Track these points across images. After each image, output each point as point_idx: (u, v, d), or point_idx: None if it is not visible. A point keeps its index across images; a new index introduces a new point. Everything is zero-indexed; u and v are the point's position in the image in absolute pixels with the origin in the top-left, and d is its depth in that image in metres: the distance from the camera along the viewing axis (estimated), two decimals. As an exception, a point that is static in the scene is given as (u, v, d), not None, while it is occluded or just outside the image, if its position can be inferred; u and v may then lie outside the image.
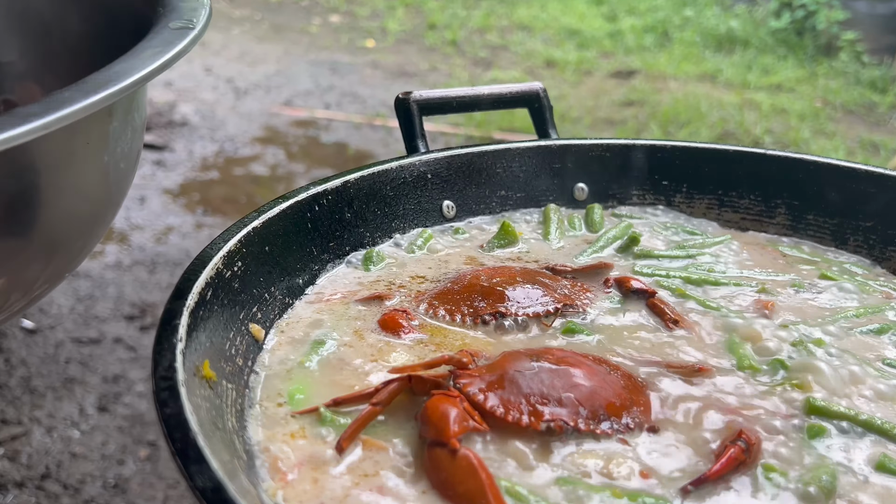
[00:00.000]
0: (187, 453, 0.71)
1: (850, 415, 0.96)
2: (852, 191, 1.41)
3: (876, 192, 1.39)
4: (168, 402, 0.77)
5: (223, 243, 1.06)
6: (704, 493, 0.85)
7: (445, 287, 1.19)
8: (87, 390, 2.96)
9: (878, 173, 1.41)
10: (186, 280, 0.97)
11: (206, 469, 0.69)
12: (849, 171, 1.42)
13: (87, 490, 2.59)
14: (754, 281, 1.27)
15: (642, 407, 0.95)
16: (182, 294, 0.94)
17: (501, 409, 0.90)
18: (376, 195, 1.33)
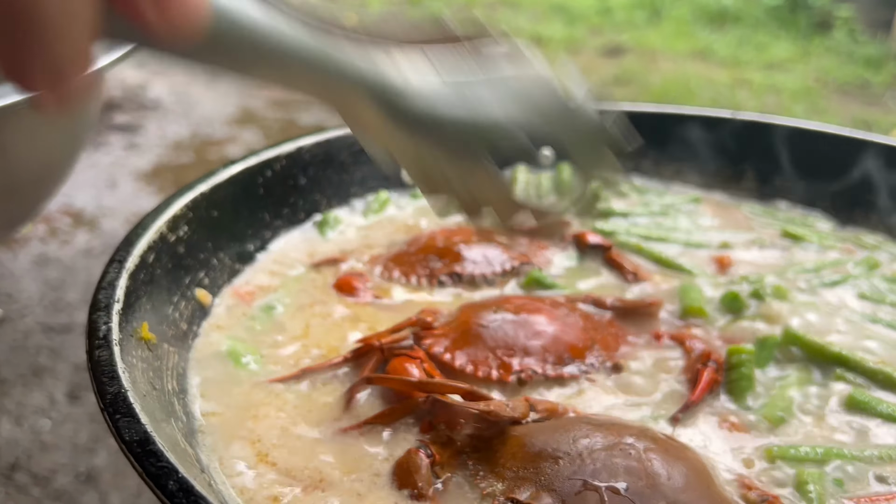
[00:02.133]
0: (116, 407, 0.72)
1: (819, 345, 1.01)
2: (820, 154, 1.43)
3: (843, 155, 1.41)
4: (100, 358, 0.78)
5: (168, 207, 1.06)
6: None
7: (401, 250, 1.20)
8: (58, 379, 2.96)
9: (846, 136, 1.42)
10: (127, 243, 0.98)
11: (133, 423, 0.70)
12: (816, 134, 1.44)
13: (58, 480, 2.60)
14: (717, 240, 1.29)
15: (605, 345, 0.99)
16: (122, 257, 0.95)
17: (471, 367, 0.93)
18: (333, 161, 1.34)
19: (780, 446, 0.87)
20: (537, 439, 0.80)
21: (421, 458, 0.80)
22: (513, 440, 0.81)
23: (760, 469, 0.85)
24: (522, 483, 0.76)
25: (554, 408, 0.87)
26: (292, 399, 0.92)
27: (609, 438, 0.79)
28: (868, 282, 1.20)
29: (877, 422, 0.93)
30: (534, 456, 0.78)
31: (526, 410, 0.85)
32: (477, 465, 0.80)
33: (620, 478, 0.75)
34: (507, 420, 0.83)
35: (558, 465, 0.77)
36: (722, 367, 0.97)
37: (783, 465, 0.86)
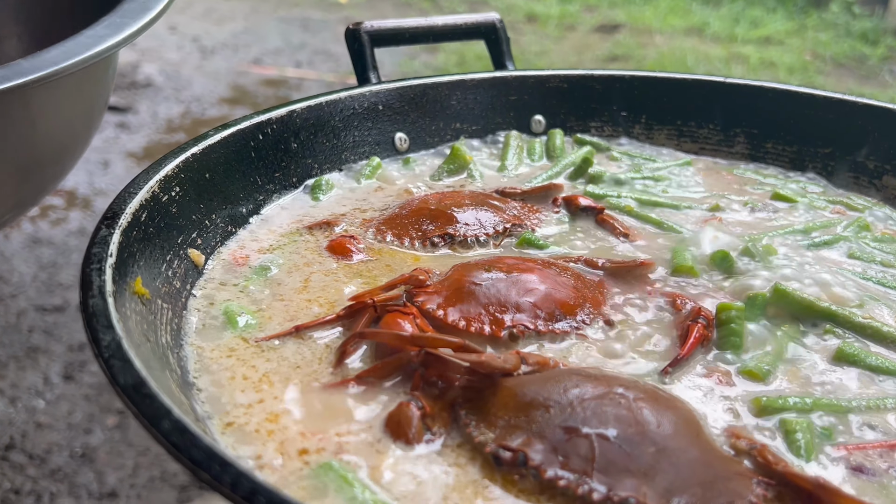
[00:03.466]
0: (112, 353, 0.73)
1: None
2: (811, 117, 1.44)
3: (834, 117, 1.42)
4: (94, 308, 0.79)
5: (160, 168, 1.07)
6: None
7: (394, 213, 1.21)
8: (52, 359, 2.97)
9: (837, 99, 1.43)
10: (120, 200, 0.99)
11: (128, 367, 0.71)
12: (808, 97, 1.45)
13: (54, 460, 2.61)
14: (706, 202, 1.30)
15: (595, 303, 1.00)
16: (115, 213, 0.96)
17: (463, 322, 0.94)
18: (325, 126, 1.34)
19: (768, 396, 0.88)
20: (528, 389, 0.81)
21: (412, 410, 0.81)
22: (504, 391, 0.82)
23: (749, 420, 0.86)
24: (514, 431, 0.77)
25: (545, 361, 0.88)
26: (287, 356, 0.93)
27: (599, 388, 0.80)
28: (857, 243, 1.21)
29: (866, 373, 0.94)
30: (525, 405, 0.79)
31: (517, 363, 0.86)
32: (469, 416, 0.81)
33: (610, 425, 0.76)
34: (499, 372, 0.84)
35: (549, 413, 0.78)
36: (712, 324, 0.98)
37: (772, 416, 0.87)
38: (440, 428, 0.81)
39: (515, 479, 0.76)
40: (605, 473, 0.73)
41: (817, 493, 0.74)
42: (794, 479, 0.76)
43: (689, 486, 0.73)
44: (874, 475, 0.80)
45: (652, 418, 0.78)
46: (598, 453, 0.74)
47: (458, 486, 0.75)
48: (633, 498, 0.71)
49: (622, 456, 0.74)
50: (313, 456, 0.78)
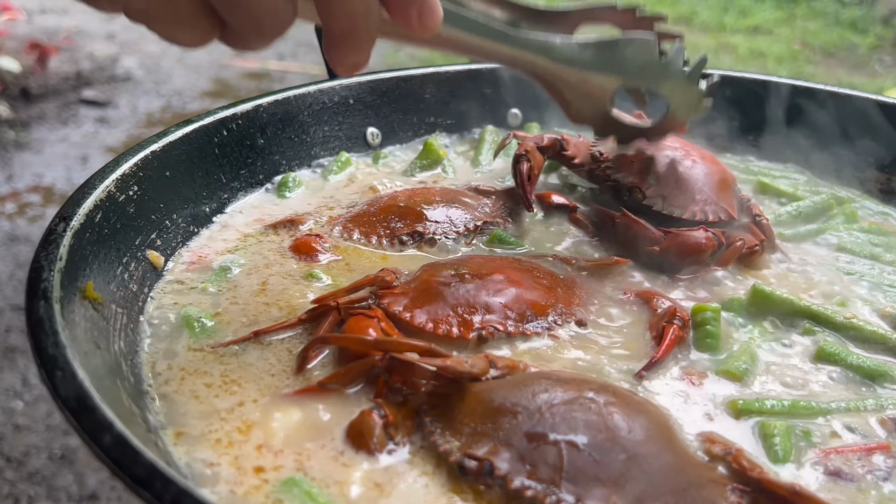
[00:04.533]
0: (53, 363, 0.70)
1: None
2: (792, 108, 1.42)
3: (815, 108, 1.40)
4: (38, 314, 0.76)
5: (117, 166, 1.03)
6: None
7: (362, 210, 1.18)
8: (30, 360, 2.93)
9: (818, 89, 1.41)
10: (73, 202, 0.95)
11: (70, 379, 0.68)
12: (788, 87, 1.42)
13: (32, 462, 2.57)
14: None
15: (568, 303, 0.98)
16: (67, 215, 0.92)
17: (430, 325, 0.92)
18: (293, 121, 1.31)
19: (745, 399, 0.86)
20: (496, 395, 0.78)
21: (374, 419, 0.78)
22: (471, 397, 0.79)
23: (725, 423, 0.84)
24: (480, 439, 0.75)
25: (515, 364, 0.86)
26: (247, 362, 0.90)
27: (569, 393, 0.78)
28: (847, 234, 1.19)
29: (846, 374, 0.92)
30: (492, 411, 0.77)
31: (486, 367, 0.83)
32: (434, 423, 0.78)
33: (580, 431, 0.74)
34: (466, 377, 0.81)
35: (517, 419, 0.75)
36: (688, 324, 0.95)
37: (749, 419, 0.85)
38: (404, 437, 0.78)
39: (482, 489, 0.73)
40: (573, 482, 0.71)
41: (793, 499, 0.72)
42: (769, 485, 0.73)
43: (660, 494, 0.71)
44: (852, 480, 0.78)
45: (623, 424, 0.75)
46: (567, 461, 0.72)
47: (428, 501, 0.73)
48: None
49: (591, 464, 0.72)
50: (271, 472, 0.75)
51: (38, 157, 4.38)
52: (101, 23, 5.83)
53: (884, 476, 0.78)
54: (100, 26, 5.80)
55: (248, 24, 0.71)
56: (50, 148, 4.46)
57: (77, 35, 5.66)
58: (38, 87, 5.08)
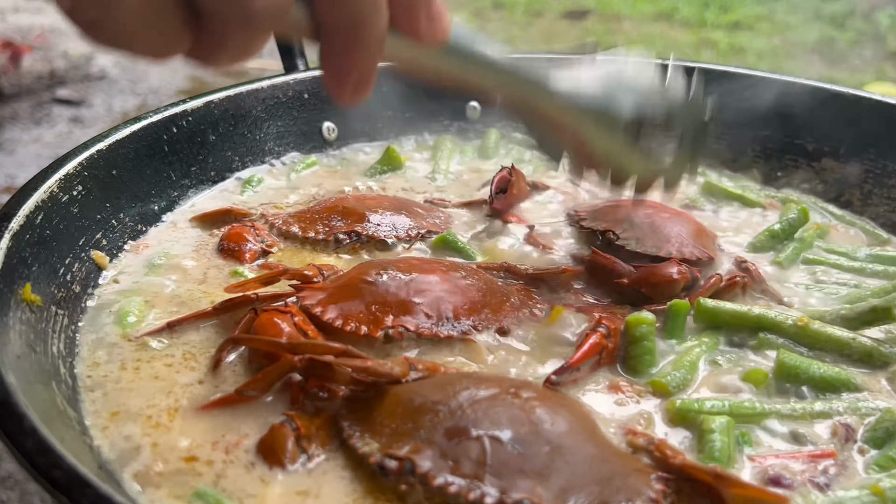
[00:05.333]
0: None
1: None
2: (750, 99, 1.42)
3: (773, 99, 1.41)
4: (-35, 316, 0.76)
5: (60, 167, 1.04)
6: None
7: (308, 208, 1.18)
8: None
9: (770, 78, 1.42)
10: (14, 202, 0.95)
11: (-7, 382, 0.68)
12: (740, 76, 1.44)
13: (5, 467, 2.57)
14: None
15: (496, 310, 0.97)
16: (6, 216, 0.93)
17: (340, 321, 0.91)
18: (246, 116, 1.31)
19: (683, 400, 0.85)
20: (416, 395, 0.78)
21: (286, 433, 0.77)
22: (391, 398, 0.79)
23: (660, 428, 0.84)
24: (400, 439, 0.75)
25: (435, 367, 0.85)
26: (173, 357, 0.90)
27: (491, 390, 0.78)
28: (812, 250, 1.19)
29: (792, 382, 0.90)
30: (413, 411, 0.77)
31: (405, 369, 0.82)
32: (352, 427, 0.78)
33: (502, 426, 0.74)
34: (386, 379, 0.81)
35: (438, 417, 0.75)
36: (614, 333, 0.92)
37: (687, 425, 0.84)
38: (318, 447, 0.78)
39: (404, 489, 0.73)
40: (497, 476, 0.71)
41: (715, 483, 0.73)
42: (692, 471, 0.74)
43: (585, 484, 0.72)
44: (792, 487, 0.77)
45: (546, 417, 0.76)
46: (490, 455, 0.73)
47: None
48: (526, 500, 0.70)
49: (515, 457, 0.73)
50: (189, 480, 0.75)
51: (10, 158, 4.35)
52: (77, 21, 5.79)
53: (826, 484, 0.77)
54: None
55: (235, 7, 0.58)
56: (23, 148, 4.44)
57: (51, 33, 5.63)
58: (10, 87, 5.05)
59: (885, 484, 0.77)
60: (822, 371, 0.90)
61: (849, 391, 0.89)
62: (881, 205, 1.30)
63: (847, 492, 0.76)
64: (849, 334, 0.94)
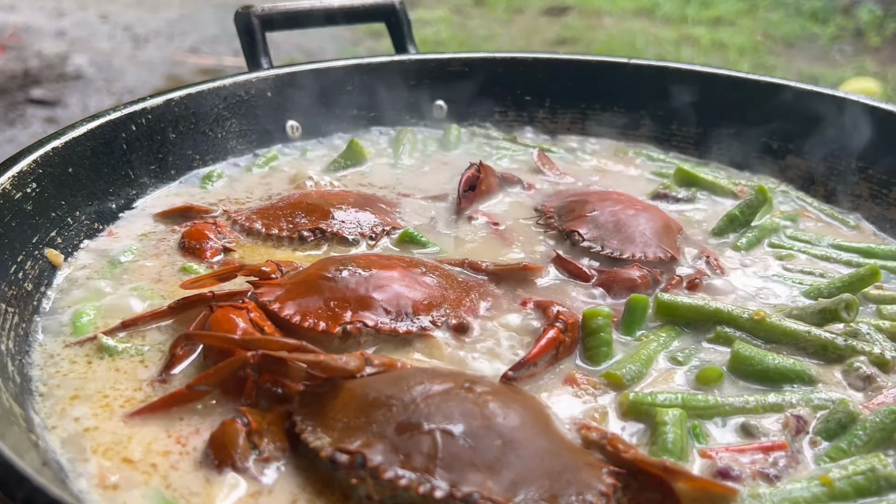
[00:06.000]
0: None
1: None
2: (715, 97, 1.44)
3: (739, 97, 1.43)
4: None
5: (14, 164, 1.03)
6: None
7: (270, 204, 1.18)
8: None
9: (741, 78, 1.44)
10: (-37, 200, 0.95)
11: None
12: (710, 76, 1.45)
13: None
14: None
15: (455, 305, 0.97)
16: (-45, 214, 0.92)
17: (298, 317, 0.90)
18: (208, 115, 1.31)
19: (637, 393, 0.86)
20: (370, 389, 0.78)
21: (237, 428, 0.76)
22: (345, 393, 0.79)
23: (614, 423, 0.84)
24: (353, 433, 0.75)
25: (392, 362, 0.85)
26: (127, 355, 0.90)
27: (445, 385, 0.78)
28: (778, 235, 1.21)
29: (748, 374, 0.90)
30: (366, 406, 0.77)
31: (361, 364, 0.82)
32: (305, 421, 0.78)
33: (455, 420, 0.75)
34: (340, 374, 0.81)
35: (391, 411, 0.76)
36: (571, 328, 0.93)
37: (640, 419, 0.84)
38: (270, 443, 0.77)
39: (354, 483, 0.73)
40: (448, 469, 0.72)
41: (665, 475, 0.74)
42: (642, 464, 0.75)
43: (536, 477, 0.72)
44: (740, 479, 0.77)
45: (499, 411, 0.76)
46: (442, 449, 0.73)
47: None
48: (476, 493, 0.70)
49: (466, 450, 0.73)
50: (138, 478, 0.75)
51: (-19, 158, 4.27)
52: (51, 20, 5.75)
53: (775, 475, 0.78)
54: (49, 23, 5.73)
55: None
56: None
57: (25, 32, 5.58)
58: (-18, 87, 4.98)
59: (835, 475, 0.78)
60: (776, 362, 0.91)
61: (803, 383, 0.90)
62: (848, 193, 1.32)
63: (795, 484, 0.77)
64: (804, 327, 0.95)
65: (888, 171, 1.28)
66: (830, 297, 1.02)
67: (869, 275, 1.05)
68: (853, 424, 0.83)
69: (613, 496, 0.74)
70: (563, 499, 0.72)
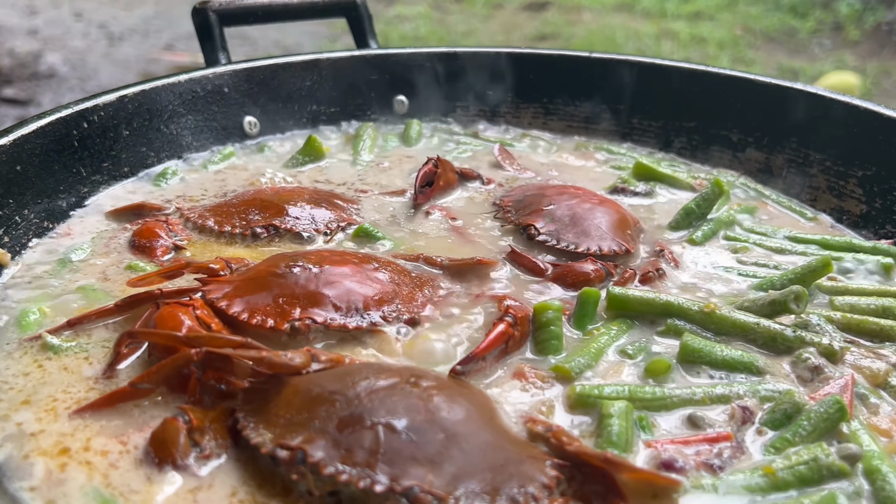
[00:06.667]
0: None
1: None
2: (676, 91, 1.45)
3: (699, 90, 1.43)
4: None
5: (-41, 162, 1.02)
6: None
7: (224, 201, 1.18)
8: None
9: (701, 71, 1.44)
10: None
11: None
12: (672, 69, 1.46)
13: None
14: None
15: (407, 300, 0.97)
16: None
17: (246, 315, 0.90)
18: (163, 111, 1.31)
19: (584, 385, 0.86)
20: (314, 385, 0.78)
21: (178, 426, 0.76)
22: (289, 389, 0.79)
23: (563, 416, 0.84)
24: (295, 429, 0.75)
25: (339, 358, 0.85)
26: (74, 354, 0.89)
27: (390, 380, 0.78)
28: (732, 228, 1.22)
29: (695, 367, 0.91)
30: (309, 401, 0.77)
31: (307, 360, 0.82)
32: (247, 418, 0.78)
33: (398, 414, 0.75)
34: (285, 370, 0.81)
35: (334, 407, 0.76)
36: (521, 321, 0.93)
37: (587, 411, 0.85)
38: (212, 440, 0.77)
39: (295, 478, 0.73)
40: (389, 464, 0.72)
41: (607, 467, 0.74)
42: (584, 457, 0.75)
43: (478, 471, 0.73)
44: (684, 470, 0.78)
45: (443, 406, 0.77)
46: (384, 444, 0.73)
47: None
48: (417, 487, 0.70)
49: (409, 445, 0.73)
50: (79, 477, 0.74)
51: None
52: (23, 18, 5.70)
53: (719, 466, 0.79)
54: (21, 21, 5.68)
55: None
56: (-36, 148, 4.30)
57: (-4, 30, 5.53)
58: (-48, 86, 4.94)
59: (778, 465, 0.78)
60: (724, 353, 0.92)
61: (751, 374, 0.91)
62: (806, 186, 1.33)
63: (738, 474, 0.78)
64: (753, 319, 0.96)
65: (846, 163, 1.29)
66: (782, 289, 1.03)
67: (821, 266, 1.06)
68: (798, 415, 0.84)
69: (557, 488, 0.74)
70: (505, 491, 0.72)
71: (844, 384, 0.89)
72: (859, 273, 1.13)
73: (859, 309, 1.02)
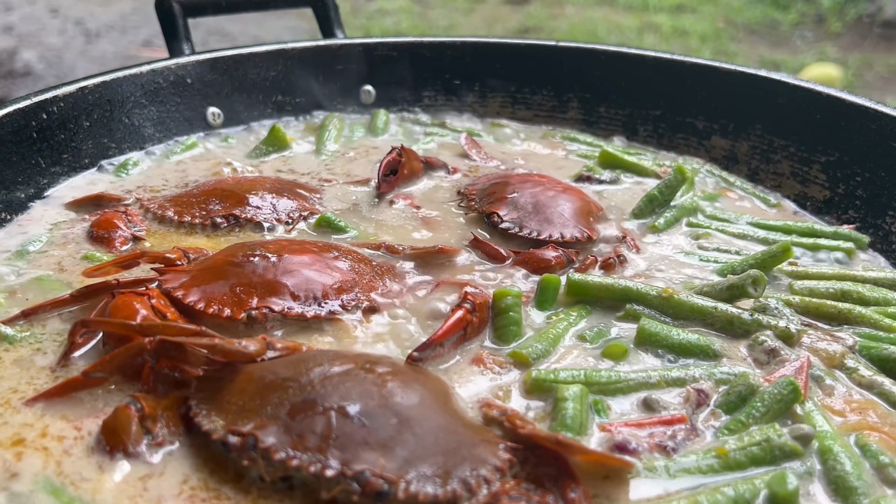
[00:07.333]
0: None
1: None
2: (642, 79, 1.46)
3: (665, 79, 1.44)
4: None
5: (-89, 153, 1.02)
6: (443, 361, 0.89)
7: (185, 191, 1.18)
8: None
9: (666, 59, 1.45)
10: None
11: None
12: (637, 58, 1.47)
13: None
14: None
15: (367, 288, 0.97)
16: None
17: (202, 304, 0.90)
18: (124, 102, 1.30)
19: (539, 370, 0.87)
20: (269, 372, 0.79)
21: (129, 414, 0.76)
22: (243, 376, 0.80)
23: (519, 401, 0.85)
24: (247, 415, 0.75)
25: (296, 346, 0.86)
26: (28, 344, 0.89)
27: (345, 366, 0.79)
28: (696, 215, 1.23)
29: (653, 351, 0.92)
30: (262, 388, 0.77)
31: (262, 348, 0.82)
32: (200, 405, 0.78)
33: (351, 399, 0.75)
34: (240, 358, 0.81)
35: (287, 393, 0.76)
36: (480, 308, 0.94)
37: (543, 396, 0.85)
38: (164, 428, 0.78)
39: (246, 464, 0.73)
40: (341, 449, 0.72)
41: (558, 449, 0.75)
42: (537, 439, 0.76)
43: (430, 454, 0.73)
44: (637, 452, 0.79)
45: (397, 391, 0.77)
46: (336, 429, 0.73)
47: (191, 488, 0.73)
48: (368, 471, 0.71)
49: (361, 429, 0.74)
50: (30, 468, 0.74)
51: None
52: (-3, 14, 5.66)
53: (673, 448, 0.79)
54: (-5, 18, 5.64)
55: None
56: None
57: (-30, 27, 5.49)
58: (-76, 83, 4.89)
59: (731, 446, 0.79)
60: (681, 337, 0.93)
61: (708, 358, 0.92)
62: (770, 172, 1.34)
63: (691, 455, 0.78)
64: (711, 303, 0.97)
65: (809, 149, 1.30)
66: (742, 273, 1.04)
67: (781, 251, 1.07)
68: (753, 397, 0.85)
69: (509, 471, 0.75)
70: (457, 474, 0.73)
71: (800, 366, 0.90)
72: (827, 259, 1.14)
73: (818, 293, 1.03)
